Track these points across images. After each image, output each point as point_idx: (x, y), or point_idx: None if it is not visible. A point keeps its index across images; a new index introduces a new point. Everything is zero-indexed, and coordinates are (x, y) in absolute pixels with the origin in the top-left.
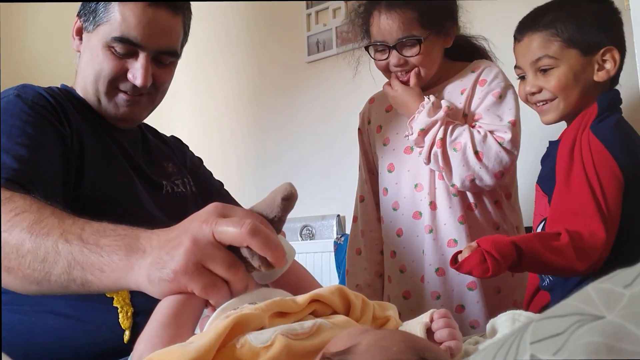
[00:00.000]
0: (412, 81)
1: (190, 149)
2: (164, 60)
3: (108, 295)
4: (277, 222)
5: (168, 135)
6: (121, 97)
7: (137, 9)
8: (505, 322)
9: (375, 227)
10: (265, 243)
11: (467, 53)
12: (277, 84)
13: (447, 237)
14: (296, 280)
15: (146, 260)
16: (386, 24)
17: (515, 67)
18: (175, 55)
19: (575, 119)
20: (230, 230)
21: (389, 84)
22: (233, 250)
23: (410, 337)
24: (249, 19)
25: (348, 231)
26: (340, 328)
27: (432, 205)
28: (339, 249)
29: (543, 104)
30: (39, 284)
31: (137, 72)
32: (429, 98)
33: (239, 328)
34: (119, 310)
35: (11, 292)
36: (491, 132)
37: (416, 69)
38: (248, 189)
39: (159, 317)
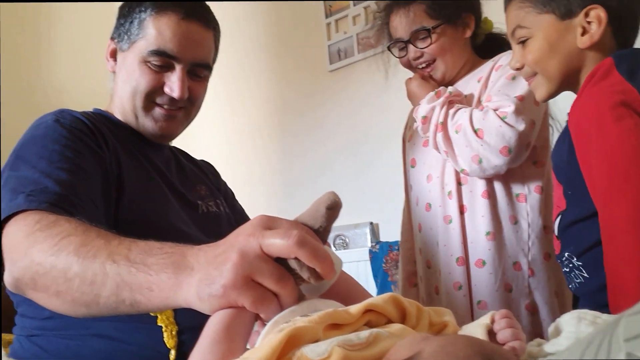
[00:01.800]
0: (433, 75)
1: (222, 176)
2: (198, 72)
3: (152, 314)
4: (322, 233)
5: (198, 158)
6: (158, 112)
7: (172, 23)
8: (571, 320)
9: (409, 236)
10: (313, 254)
11: (498, 50)
12: (300, 94)
13: (460, 227)
14: (345, 290)
15: (194, 277)
16: (399, 21)
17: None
18: (209, 68)
19: (582, 86)
20: (278, 242)
21: (408, 79)
22: (281, 262)
23: (476, 340)
24: (269, 32)
25: (382, 238)
26: (397, 337)
27: (450, 194)
28: (374, 257)
29: (531, 80)
30: (88, 306)
31: (174, 84)
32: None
33: (293, 341)
34: (163, 330)
35: (56, 317)
36: (495, 109)
37: (434, 63)
38: (274, 201)
39: (210, 333)
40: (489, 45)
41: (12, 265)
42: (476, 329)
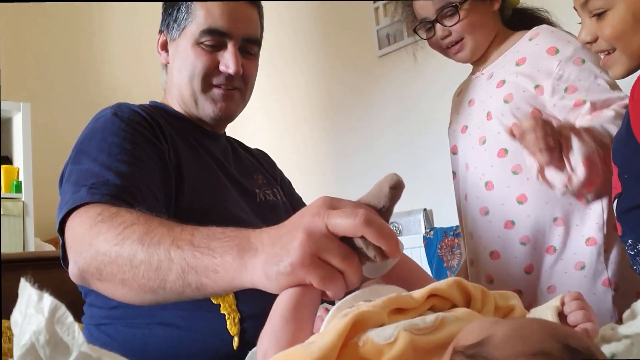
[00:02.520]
0: (460, 55)
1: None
2: (249, 49)
3: (214, 302)
4: (385, 213)
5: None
6: (216, 92)
7: (219, 1)
8: None
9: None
10: (379, 232)
11: (529, 22)
12: (349, 80)
13: (504, 219)
14: (408, 273)
15: (259, 257)
16: (424, 1)
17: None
18: (259, 44)
19: None
20: (344, 221)
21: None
22: (345, 241)
23: (549, 324)
24: (317, 20)
25: (437, 224)
26: (464, 321)
27: (488, 185)
28: (429, 243)
29: (605, 55)
30: (154, 292)
31: (228, 60)
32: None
33: (358, 326)
34: (226, 317)
35: (123, 306)
36: (608, 103)
37: (461, 41)
38: (326, 190)
39: (280, 311)
40: (517, 20)
41: (77, 257)
42: (546, 312)
